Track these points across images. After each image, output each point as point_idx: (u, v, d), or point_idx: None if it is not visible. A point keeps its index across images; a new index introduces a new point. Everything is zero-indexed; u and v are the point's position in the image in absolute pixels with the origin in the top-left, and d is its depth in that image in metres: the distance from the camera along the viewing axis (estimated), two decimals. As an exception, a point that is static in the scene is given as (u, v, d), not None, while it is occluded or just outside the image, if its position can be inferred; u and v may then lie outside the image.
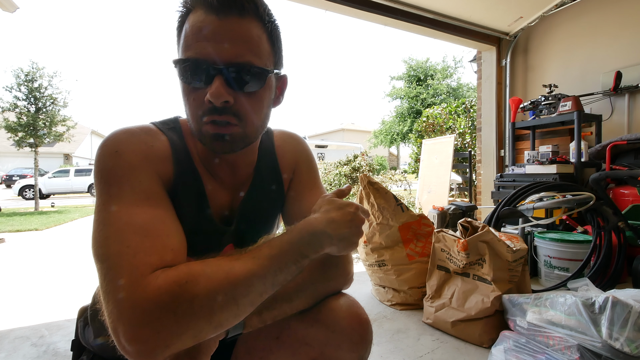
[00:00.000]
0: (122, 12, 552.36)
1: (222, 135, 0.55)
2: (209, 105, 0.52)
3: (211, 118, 0.53)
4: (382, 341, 1.48)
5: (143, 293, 0.43)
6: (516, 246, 1.44)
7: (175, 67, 0.55)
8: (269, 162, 0.72)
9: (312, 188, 0.76)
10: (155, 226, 0.50)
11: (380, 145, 20.06)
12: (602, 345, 1.02)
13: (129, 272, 0.44)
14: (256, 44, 0.54)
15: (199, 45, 0.51)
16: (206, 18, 0.51)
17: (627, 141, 2.37)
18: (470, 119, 6.10)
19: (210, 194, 0.63)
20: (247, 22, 0.53)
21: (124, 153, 0.52)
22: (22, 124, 8.05)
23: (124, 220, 0.48)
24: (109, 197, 0.50)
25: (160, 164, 0.56)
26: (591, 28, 2.98)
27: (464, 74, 24.92)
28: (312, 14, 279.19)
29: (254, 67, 0.54)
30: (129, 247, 0.46)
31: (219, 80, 0.52)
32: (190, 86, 0.54)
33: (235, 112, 0.54)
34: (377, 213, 1.85)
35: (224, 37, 0.51)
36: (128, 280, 0.44)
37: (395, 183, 4.24)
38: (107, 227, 0.48)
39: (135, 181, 0.51)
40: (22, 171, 17.63)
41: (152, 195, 0.52)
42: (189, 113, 0.56)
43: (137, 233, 0.47)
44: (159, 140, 0.58)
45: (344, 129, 31.50)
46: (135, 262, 0.45)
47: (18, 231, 5.14)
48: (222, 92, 0.51)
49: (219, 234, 0.64)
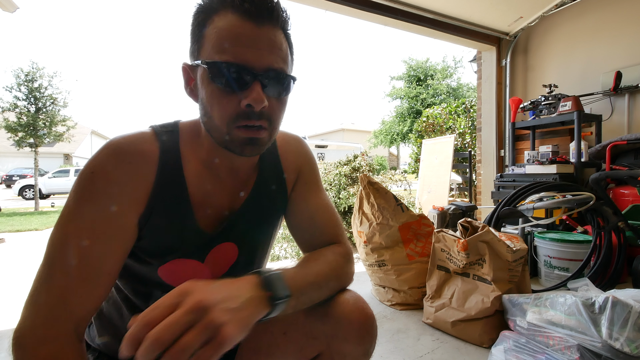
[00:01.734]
0: (122, 12, 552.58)
1: (255, 139, 0.56)
2: (246, 109, 0.54)
3: (246, 122, 0.55)
4: (382, 341, 1.48)
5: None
6: (516, 246, 1.44)
7: (206, 69, 0.54)
8: (271, 163, 0.73)
9: (317, 190, 0.78)
10: (87, 269, 0.52)
11: (380, 145, 20.05)
12: (602, 345, 1.02)
13: (30, 333, 0.49)
14: (285, 53, 0.57)
15: (237, 50, 0.52)
16: (244, 24, 0.53)
17: (627, 141, 2.37)
18: (470, 119, 6.10)
19: (204, 197, 0.63)
20: (278, 32, 0.56)
21: (97, 177, 0.54)
22: (22, 124, 8.06)
23: (63, 254, 0.51)
24: (65, 213, 0.53)
25: (139, 177, 0.57)
26: (591, 28, 2.98)
27: (464, 74, 24.95)
28: (312, 14, 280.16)
29: (286, 75, 0.57)
30: (50, 295, 0.50)
31: (258, 85, 0.53)
32: (225, 89, 0.54)
33: (268, 117, 0.56)
34: (377, 213, 1.85)
35: (262, 44, 0.54)
36: (23, 341, 0.48)
37: (395, 183, 4.24)
38: (50, 258, 0.51)
39: (92, 208, 0.53)
40: (22, 171, 17.63)
41: (103, 227, 0.53)
42: (217, 116, 0.56)
43: (65, 276, 0.50)
44: (147, 149, 0.59)
45: (344, 129, 31.49)
46: (40, 325, 0.49)
47: (18, 231, 5.15)
48: (262, 97, 0.53)
49: (201, 237, 0.64)
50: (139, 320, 0.41)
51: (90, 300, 0.52)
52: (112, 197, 0.54)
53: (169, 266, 0.63)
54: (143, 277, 0.64)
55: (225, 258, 0.68)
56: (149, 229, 0.59)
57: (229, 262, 0.69)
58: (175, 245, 0.62)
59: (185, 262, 0.64)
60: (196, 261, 0.65)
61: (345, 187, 3.55)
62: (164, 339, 0.39)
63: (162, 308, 0.42)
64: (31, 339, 0.48)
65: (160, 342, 0.39)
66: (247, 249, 0.70)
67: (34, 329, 0.49)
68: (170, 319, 0.40)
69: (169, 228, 0.60)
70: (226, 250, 0.68)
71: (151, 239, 0.60)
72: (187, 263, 0.64)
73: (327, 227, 0.74)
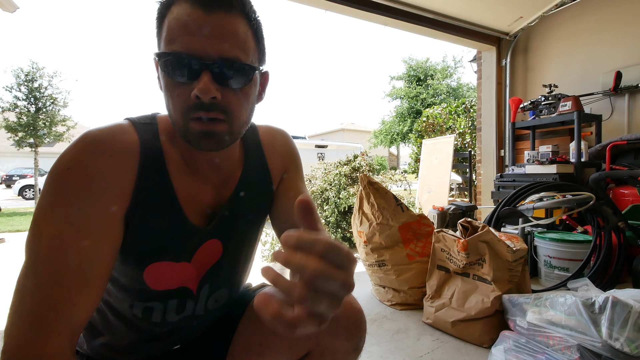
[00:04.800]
0: (122, 11, 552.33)
1: (209, 132, 0.53)
2: (196, 101, 0.51)
3: (198, 114, 0.52)
4: (382, 341, 1.48)
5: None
6: (516, 246, 1.44)
7: (157, 61, 0.53)
8: (256, 159, 0.71)
9: (302, 184, 0.77)
10: (78, 273, 0.48)
11: (380, 145, 20.05)
12: (602, 345, 1.02)
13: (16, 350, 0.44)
14: (243, 40, 0.53)
15: (185, 39, 0.50)
16: (192, 12, 0.50)
17: (627, 141, 2.37)
18: (470, 119, 6.10)
19: (189, 192, 0.61)
20: (233, 18, 0.52)
21: (75, 173, 0.49)
22: (22, 124, 8.06)
23: (49, 260, 0.46)
24: (44, 216, 0.48)
25: (120, 170, 0.53)
26: (591, 28, 2.98)
27: (464, 74, 24.92)
28: (312, 14, 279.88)
29: (242, 63, 0.53)
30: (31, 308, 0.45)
31: (206, 75, 0.50)
32: (175, 81, 0.52)
33: (222, 108, 0.53)
34: (377, 213, 1.85)
35: (211, 32, 0.50)
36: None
37: (395, 183, 4.23)
38: (33, 266, 0.47)
39: (74, 207, 0.49)
40: (22, 171, 17.63)
41: (88, 226, 0.49)
42: (172, 109, 0.54)
43: (55, 284, 0.46)
44: (127, 141, 0.55)
45: (344, 129, 31.48)
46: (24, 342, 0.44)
47: (18, 231, 5.15)
48: (210, 87, 0.50)
49: (193, 233, 0.62)
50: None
51: (85, 308, 0.48)
52: (94, 193, 0.50)
53: (156, 267, 0.60)
54: (125, 282, 0.61)
55: (208, 256, 0.65)
56: (134, 226, 0.55)
57: (212, 260, 0.66)
58: (163, 242, 0.59)
59: (173, 262, 0.61)
60: (184, 261, 0.62)
61: (345, 187, 3.55)
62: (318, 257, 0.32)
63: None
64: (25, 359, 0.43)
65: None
66: (232, 246, 0.68)
67: (27, 348, 0.44)
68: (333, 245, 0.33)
69: (157, 224, 0.57)
70: (210, 248, 0.65)
71: (137, 237, 0.56)
72: (174, 263, 0.61)
73: None
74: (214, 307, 0.71)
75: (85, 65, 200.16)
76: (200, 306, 0.68)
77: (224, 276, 0.70)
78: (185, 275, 0.64)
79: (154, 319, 0.64)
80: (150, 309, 0.63)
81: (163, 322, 0.65)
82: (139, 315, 0.63)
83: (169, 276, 0.62)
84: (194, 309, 0.67)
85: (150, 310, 0.63)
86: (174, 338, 0.71)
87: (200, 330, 0.75)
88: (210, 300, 0.69)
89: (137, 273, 0.59)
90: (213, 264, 0.67)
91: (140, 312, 0.63)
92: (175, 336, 0.70)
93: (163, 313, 0.64)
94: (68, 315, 0.46)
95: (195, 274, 0.65)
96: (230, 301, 0.75)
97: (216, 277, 0.68)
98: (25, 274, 0.47)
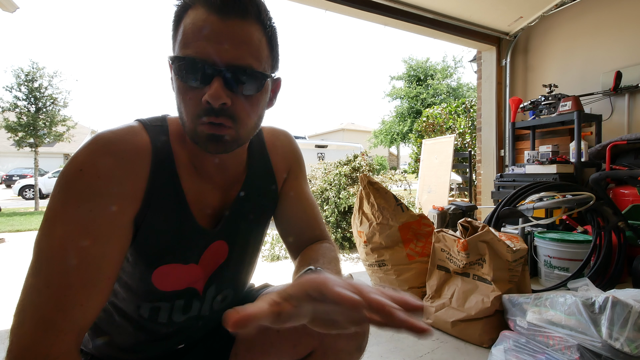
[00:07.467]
0: (122, 11, 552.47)
1: (217, 136, 0.54)
2: (206, 106, 0.51)
3: (208, 119, 0.53)
4: (382, 341, 1.48)
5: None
6: (516, 246, 1.44)
7: (171, 64, 0.54)
8: (261, 160, 0.72)
9: (306, 185, 0.78)
10: (87, 274, 0.48)
11: (380, 145, 20.07)
12: (602, 345, 1.02)
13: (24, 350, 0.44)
14: (256, 48, 0.53)
15: (199, 44, 0.50)
16: (208, 17, 0.50)
17: (627, 141, 2.37)
18: (470, 119, 6.10)
19: (196, 194, 0.62)
20: (248, 25, 0.52)
21: (87, 174, 0.49)
22: (22, 124, 8.06)
23: (58, 260, 0.47)
24: (55, 216, 0.48)
25: (132, 172, 0.54)
26: (591, 28, 2.98)
27: (464, 74, 24.91)
28: (312, 14, 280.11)
29: (254, 71, 0.53)
30: (41, 308, 0.45)
31: (218, 81, 0.51)
32: (187, 85, 0.53)
33: (231, 115, 0.53)
34: (377, 213, 1.85)
35: (225, 38, 0.50)
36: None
37: (395, 183, 4.22)
38: (42, 266, 0.47)
39: (86, 208, 0.49)
40: (22, 171, 17.64)
41: (99, 228, 0.50)
42: (183, 112, 0.55)
43: (64, 284, 0.46)
44: (139, 143, 0.56)
45: (344, 129, 31.49)
46: (34, 342, 0.44)
47: (18, 231, 5.15)
48: (220, 93, 0.51)
49: (201, 235, 0.63)
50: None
51: (91, 308, 0.49)
52: (106, 195, 0.51)
53: (165, 269, 0.60)
54: (133, 283, 0.61)
55: (215, 257, 0.66)
56: (145, 228, 0.56)
57: (218, 261, 0.67)
58: (173, 244, 0.60)
59: (181, 264, 0.62)
60: (192, 263, 0.63)
61: (345, 187, 3.55)
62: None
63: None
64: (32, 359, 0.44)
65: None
66: (238, 247, 0.69)
67: (34, 347, 0.44)
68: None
69: (167, 226, 0.58)
70: (217, 249, 0.66)
71: (147, 239, 0.57)
72: (183, 265, 0.62)
73: (317, 222, 0.75)
74: (220, 307, 0.72)
75: (85, 65, 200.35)
76: (206, 306, 0.69)
77: (230, 277, 0.71)
78: (193, 276, 0.64)
79: (161, 319, 0.65)
80: (157, 310, 0.64)
81: (169, 322, 0.66)
82: (145, 316, 0.64)
83: (177, 278, 0.62)
84: (200, 309, 0.68)
85: (157, 310, 0.64)
86: (179, 337, 0.71)
87: (204, 330, 0.76)
88: (216, 301, 0.70)
89: (145, 275, 0.60)
90: (219, 265, 0.67)
91: (147, 312, 0.64)
92: (180, 336, 0.71)
93: (169, 313, 0.65)
94: (75, 315, 0.47)
95: (202, 275, 0.66)
96: (235, 301, 0.76)
97: (222, 278, 0.69)
98: (33, 273, 0.47)
